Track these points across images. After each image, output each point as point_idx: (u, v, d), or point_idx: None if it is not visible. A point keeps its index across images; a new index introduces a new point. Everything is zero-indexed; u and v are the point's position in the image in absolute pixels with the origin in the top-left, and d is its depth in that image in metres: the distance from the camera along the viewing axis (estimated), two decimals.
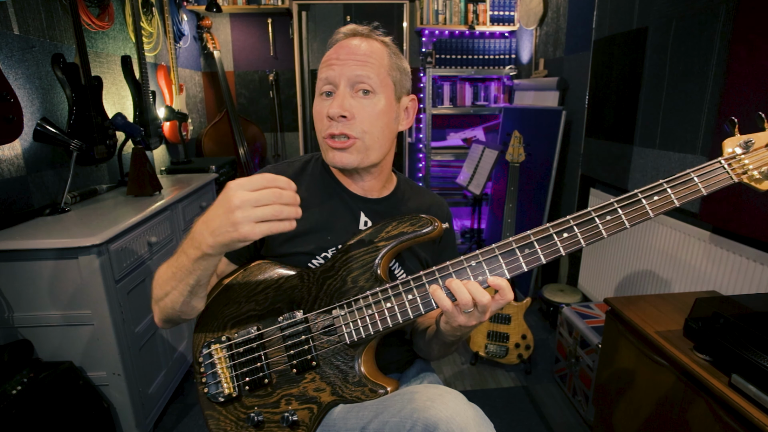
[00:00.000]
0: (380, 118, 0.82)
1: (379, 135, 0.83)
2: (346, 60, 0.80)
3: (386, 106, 0.83)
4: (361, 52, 0.81)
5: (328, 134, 0.81)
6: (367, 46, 0.82)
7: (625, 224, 0.69)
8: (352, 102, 0.80)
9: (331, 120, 0.80)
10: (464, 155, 3.18)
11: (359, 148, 0.82)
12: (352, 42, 0.82)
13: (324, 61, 0.84)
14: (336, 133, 0.80)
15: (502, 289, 0.69)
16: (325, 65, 0.83)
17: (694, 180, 0.70)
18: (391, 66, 0.84)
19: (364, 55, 0.81)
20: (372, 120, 0.81)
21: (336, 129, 0.80)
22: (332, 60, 0.81)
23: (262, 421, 0.80)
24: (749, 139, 0.71)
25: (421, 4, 3.30)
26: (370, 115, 0.81)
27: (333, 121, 0.80)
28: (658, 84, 1.75)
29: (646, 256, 1.86)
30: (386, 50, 0.85)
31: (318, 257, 0.86)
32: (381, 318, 0.76)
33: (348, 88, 0.80)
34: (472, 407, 0.69)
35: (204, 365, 0.82)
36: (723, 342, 1.02)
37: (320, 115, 0.83)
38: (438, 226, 0.80)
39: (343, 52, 0.81)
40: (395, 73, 0.85)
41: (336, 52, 0.82)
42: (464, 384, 2.04)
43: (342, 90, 0.80)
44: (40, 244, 1.33)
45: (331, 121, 0.80)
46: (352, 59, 0.80)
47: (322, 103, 0.83)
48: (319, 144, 0.86)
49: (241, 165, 3.27)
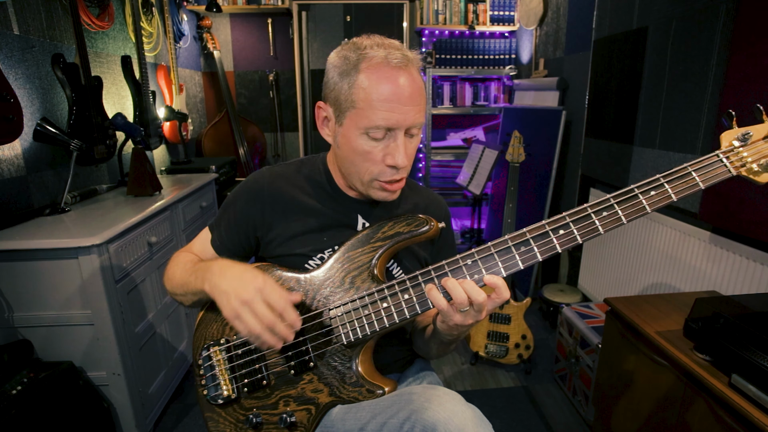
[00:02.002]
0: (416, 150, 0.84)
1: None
2: (405, 106, 0.75)
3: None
4: (415, 93, 0.76)
5: (388, 180, 0.80)
6: (416, 83, 0.77)
7: (622, 220, 0.69)
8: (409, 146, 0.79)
9: (393, 168, 0.79)
10: (464, 155, 3.18)
11: (402, 183, 0.83)
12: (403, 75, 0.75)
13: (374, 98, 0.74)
14: (397, 179, 0.80)
15: (498, 288, 0.69)
16: (377, 105, 0.74)
17: (691, 174, 0.69)
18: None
19: (417, 98, 0.76)
20: (413, 156, 0.82)
21: (397, 176, 0.80)
22: (390, 104, 0.74)
23: (260, 422, 0.80)
24: (747, 132, 0.70)
25: (421, 4, 3.30)
26: (414, 151, 0.82)
27: (392, 168, 0.79)
28: (658, 84, 1.75)
29: (646, 256, 1.86)
30: (419, 73, 0.80)
31: (314, 258, 0.86)
32: (377, 318, 0.76)
33: (404, 133, 0.78)
34: (470, 408, 0.69)
35: (203, 367, 0.83)
36: (723, 342, 1.01)
37: (373, 159, 0.78)
38: (434, 225, 0.80)
39: (401, 93, 0.74)
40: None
41: (391, 91, 0.74)
42: (464, 384, 2.04)
43: (402, 138, 0.77)
44: (40, 244, 1.33)
45: (393, 170, 0.79)
46: (411, 106, 0.75)
47: (371, 144, 0.77)
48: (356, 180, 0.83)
49: (241, 165, 3.28)
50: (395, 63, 0.74)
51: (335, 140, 0.83)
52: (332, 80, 0.78)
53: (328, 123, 0.83)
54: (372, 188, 0.82)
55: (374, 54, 0.75)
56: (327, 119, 0.83)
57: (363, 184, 0.82)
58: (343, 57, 0.77)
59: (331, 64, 0.80)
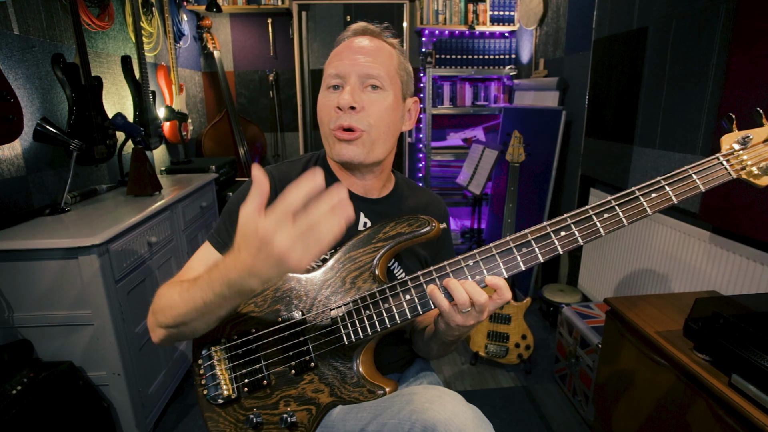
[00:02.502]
0: (388, 113, 0.83)
1: (384, 130, 0.83)
2: (356, 56, 0.81)
3: (393, 103, 0.84)
4: (371, 49, 0.82)
5: (336, 126, 0.81)
6: (378, 44, 0.84)
7: (623, 222, 0.69)
8: (362, 95, 0.81)
9: (339, 111, 0.80)
10: (464, 155, 3.18)
11: (365, 141, 0.82)
12: (363, 40, 0.84)
13: (333, 55, 0.84)
14: (345, 125, 0.80)
15: (500, 289, 0.69)
16: (334, 59, 0.83)
17: (692, 177, 0.69)
18: (399, 65, 0.86)
19: (374, 52, 0.82)
20: (380, 114, 0.82)
21: (345, 120, 0.80)
22: (343, 55, 0.82)
23: (261, 422, 0.80)
24: (747, 135, 0.70)
25: (421, 4, 3.30)
26: (379, 109, 0.82)
27: (342, 112, 0.80)
28: (658, 84, 1.75)
29: (646, 256, 1.86)
30: (395, 51, 0.86)
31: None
32: (379, 319, 0.76)
33: (358, 82, 0.81)
34: (470, 408, 0.69)
35: (203, 367, 0.83)
36: (723, 342, 1.01)
37: (327, 108, 0.82)
38: (436, 226, 0.80)
39: (355, 48, 0.82)
40: (402, 73, 0.87)
41: (347, 48, 0.83)
42: (464, 384, 2.04)
43: (353, 83, 0.80)
44: (40, 244, 1.33)
45: (340, 113, 0.80)
46: (362, 55, 0.81)
47: (329, 95, 0.82)
48: (323, 139, 0.86)
49: (241, 165, 3.27)
50: (355, 30, 0.85)
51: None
52: None
53: None
54: (332, 144, 0.83)
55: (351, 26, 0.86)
56: None
57: (328, 144, 0.85)
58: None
59: None
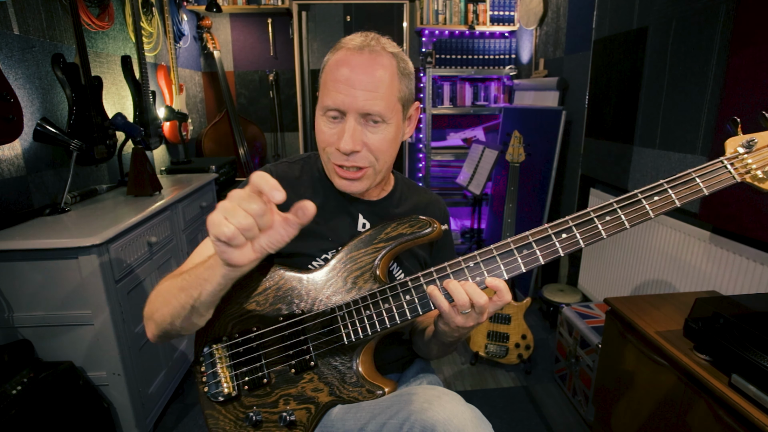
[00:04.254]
0: (390, 144, 0.80)
1: (388, 159, 0.82)
2: (355, 91, 0.73)
3: (395, 132, 0.80)
4: (370, 78, 0.74)
5: (338, 163, 0.79)
6: (377, 67, 0.75)
7: (625, 225, 0.69)
8: (363, 133, 0.77)
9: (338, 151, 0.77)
10: (464, 155, 3.18)
11: (369, 175, 0.81)
12: (360, 59, 0.75)
13: (329, 79, 0.75)
14: (347, 165, 0.79)
15: (500, 290, 0.69)
16: (331, 86, 0.75)
17: (695, 180, 0.69)
18: (400, 88, 0.78)
19: (374, 83, 0.74)
20: (382, 148, 0.79)
21: (347, 162, 0.78)
22: (339, 84, 0.74)
23: (260, 420, 0.80)
24: (752, 139, 0.70)
25: (421, 4, 3.30)
26: (381, 143, 0.78)
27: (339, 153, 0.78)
28: (658, 84, 1.75)
29: (646, 256, 1.86)
30: (395, 65, 0.77)
31: (318, 259, 0.86)
32: (379, 319, 0.76)
33: (358, 117, 0.76)
34: (470, 408, 0.69)
35: (205, 364, 0.83)
36: (723, 342, 1.01)
37: (326, 142, 0.78)
38: (437, 227, 0.80)
39: (353, 81, 0.73)
40: (404, 91, 0.80)
41: (343, 74, 0.74)
42: (464, 384, 2.04)
43: (352, 122, 0.75)
44: (40, 244, 1.33)
45: (338, 153, 0.78)
46: (361, 89, 0.73)
47: (328, 125, 0.77)
48: (323, 162, 0.84)
49: (241, 165, 3.27)
50: (352, 45, 0.77)
51: None
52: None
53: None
54: (333, 175, 0.82)
55: (348, 39, 0.78)
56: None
57: (329, 172, 0.83)
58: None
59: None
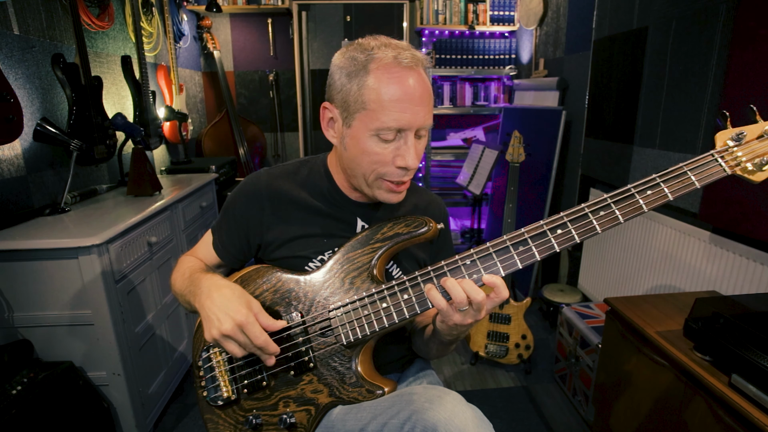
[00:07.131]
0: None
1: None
2: (417, 108, 0.74)
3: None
4: (426, 93, 0.76)
5: (394, 181, 0.79)
6: (424, 80, 0.76)
7: (619, 219, 0.69)
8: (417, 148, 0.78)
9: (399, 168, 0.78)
10: (464, 155, 3.18)
11: (407, 183, 0.83)
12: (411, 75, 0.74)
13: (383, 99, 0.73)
14: (405, 180, 0.80)
15: (497, 287, 0.69)
16: (389, 106, 0.73)
17: (687, 174, 0.70)
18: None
19: (428, 98, 0.76)
20: (421, 156, 0.80)
21: (405, 177, 0.79)
22: (401, 104, 0.73)
23: (260, 423, 0.80)
24: (741, 132, 0.71)
25: (421, 4, 3.30)
26: (422, 153, 0.81)
27: (401, 169, 0.78)
28: (658, 84, 1.75)
29: (646, 256, 1.86)
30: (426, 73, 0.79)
31: (315, 260, 0.86)
32: (377, 318, 0.76)
33: (414, 134, 0.77)
34: (470, 408, 0.69)
35: (203, 369, 0.83)
36: (723, 342, 1.01)
37: (382, 162, 0.77)
38: (433, 226, 0.80)
39: (413, 95, 0.74)
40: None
41: (401, 93, 0.73)
42: (464, 384, 2.04)
43: (412, 139, 0.76)
44: (40, 244, 1.33)
45: (399, 170, 0.78)
46: (421, 105, 0.75)
47: (381, 146, 0.76)
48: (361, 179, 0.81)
49: (241, 165, 3.27)
50: (405, 63, 0.74)
51: (342, 142, 0.80)
52: (339, 81, 0.77)
53: (334, 124, 0.81)
54: (378, 189, 0.81)
55: (383, 54, 0.74)
56: (333, 120, 0.81)
57: (369, 186, 0.81)
58: (351, 58, 0.76)
59: (336, 66, 0.78)
